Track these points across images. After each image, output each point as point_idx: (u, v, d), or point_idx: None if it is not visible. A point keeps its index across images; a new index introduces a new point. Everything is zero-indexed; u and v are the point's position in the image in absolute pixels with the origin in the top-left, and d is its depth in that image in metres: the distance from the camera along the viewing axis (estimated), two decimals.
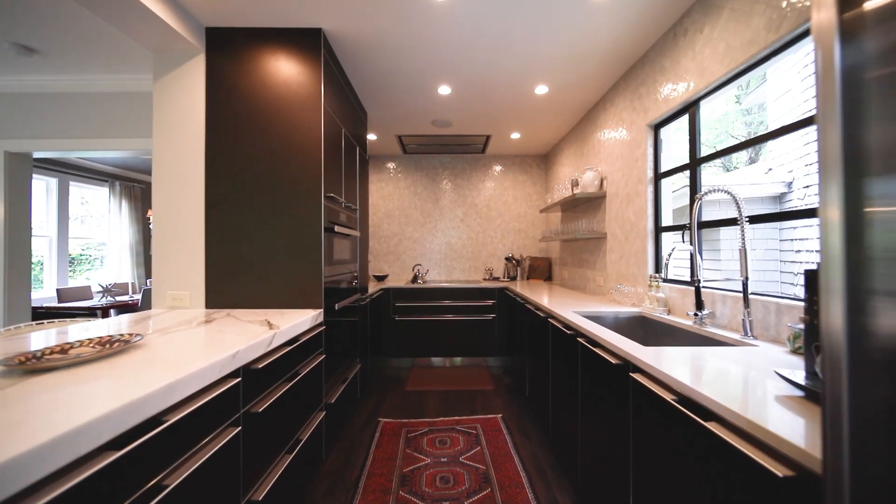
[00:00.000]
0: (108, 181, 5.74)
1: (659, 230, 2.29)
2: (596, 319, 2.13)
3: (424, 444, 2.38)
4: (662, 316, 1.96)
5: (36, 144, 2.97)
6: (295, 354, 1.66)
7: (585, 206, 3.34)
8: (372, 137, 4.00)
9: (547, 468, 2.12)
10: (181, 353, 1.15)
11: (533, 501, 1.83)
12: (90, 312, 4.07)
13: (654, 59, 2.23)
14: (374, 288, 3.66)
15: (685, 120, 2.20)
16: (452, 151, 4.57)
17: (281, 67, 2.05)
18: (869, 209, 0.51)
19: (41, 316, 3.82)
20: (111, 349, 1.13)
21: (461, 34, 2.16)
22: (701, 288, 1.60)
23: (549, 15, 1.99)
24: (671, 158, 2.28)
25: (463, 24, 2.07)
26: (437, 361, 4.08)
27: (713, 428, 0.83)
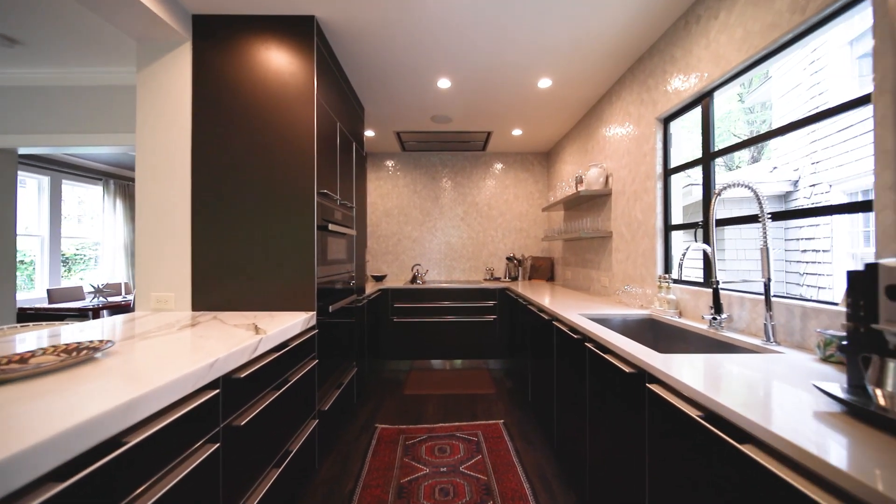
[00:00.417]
0: (101, 179, 5.63)
1: (668, 229, 2.18)
2: (603, 322, 2.03)
3: (423, 452, 2.27)
4: (674, 319, 1.86)
5: (21, 140, 2.86)
6: (284, 360, 1.56)
7: (589, 204, 3.24)
8: (370, 134, 3.90)
9: (552, 478, 2.02)
10: (154, 362, 1.05)
11: None
12: (81, 314, 3.96)
13: (663, 48, 2.13)
14: (371, 288, 3.55)
15: (691, 116, 2.10)
16: (452, 149, 4.47)
17: (272, 57, 1.94)
18: None
19: (29, 317, 3.72)
20: (77, 358, 1.03)
21: (461, 23, 2.06)
22: (721, 290, 1.49)
23: (553, 1, 1.88)
24: (676, 155, 2.18)
25: (463, 11, 1.96)
26: (436, 364, 3.97)
27: (751, 453, 0.73)
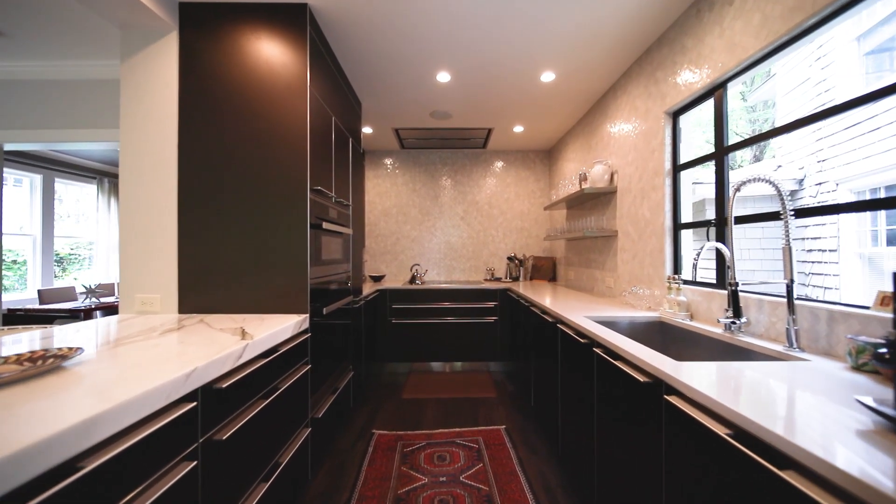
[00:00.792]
0: (95, 178, 5.54)
1: (678, 227, 2.09)
2: (610, 325, 1.94)
3: (422, 460, 2.18)
4: (685, 322, 1.77)
5: (7, 136, 2.77)
6: (273, 366, 1.46)
7: (593, 202, 3.14)
8: (367, 131, 3.80)
9: (556, 489, 1.93)
10: (127, 372, 0.95)
11: None
12: (72, 315, 3.86)
13: (673, 38, 2.03)
14: (369, 289, 3.46)
15: (696, 112, 2.01)
16: (452, 146, 4.37)
17: (263, 46, 1.85)
18: None
19: (18, 319, 3.62)
20: (40, 368, 0.94)
21: (462, 9, 1.96)
22: (739, 292, 1.40)
23: None
24: (684, 152, 2.09)
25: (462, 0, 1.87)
26: (436, 366, 3.88)
27: (795, 482, 0.63)
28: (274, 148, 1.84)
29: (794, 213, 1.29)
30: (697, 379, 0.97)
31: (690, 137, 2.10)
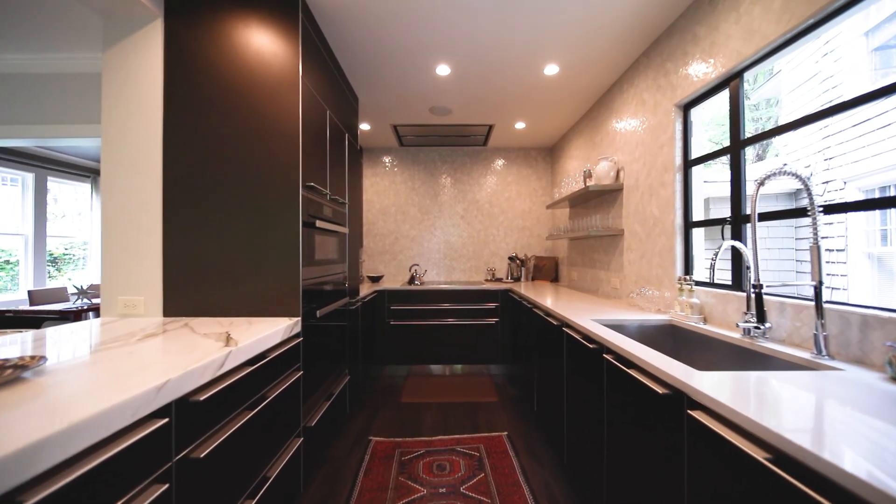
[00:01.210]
0: (90, 176, 5.45)
1: (689, 225, 1.99)
2: (618, 328, 1.84)
3: (420, 469, 2.08)
4: (699, 326, 1.67)
5: None
6: (261, 374, 1.37)
7: (598, 200, 3.05)
8: (365, 127, 3.70)
9: (562, 502, 1.83)
10: (92, 384, 0.86)
11: None
12: (62, 316, 3.76)
13: (684, 27, 1.94)
14: (367, 290, 3.36)
15: (706, 106, 1.92)
16: (452, 143, 4.27)
17: (252, 36, 1.75)
18: None
19: (6, 321, 3.52)
20: None
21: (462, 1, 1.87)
22: (763, 295, 1.30)
23: None
24: (694, 146, 1.99)
25: None
26: (435, 369, 3.78)
27: None
28: (264, 141, 1.74)
29: (822, 209, 1.19)
30: (726, 393, 0.87)
31: (694, 137, 2.01)
